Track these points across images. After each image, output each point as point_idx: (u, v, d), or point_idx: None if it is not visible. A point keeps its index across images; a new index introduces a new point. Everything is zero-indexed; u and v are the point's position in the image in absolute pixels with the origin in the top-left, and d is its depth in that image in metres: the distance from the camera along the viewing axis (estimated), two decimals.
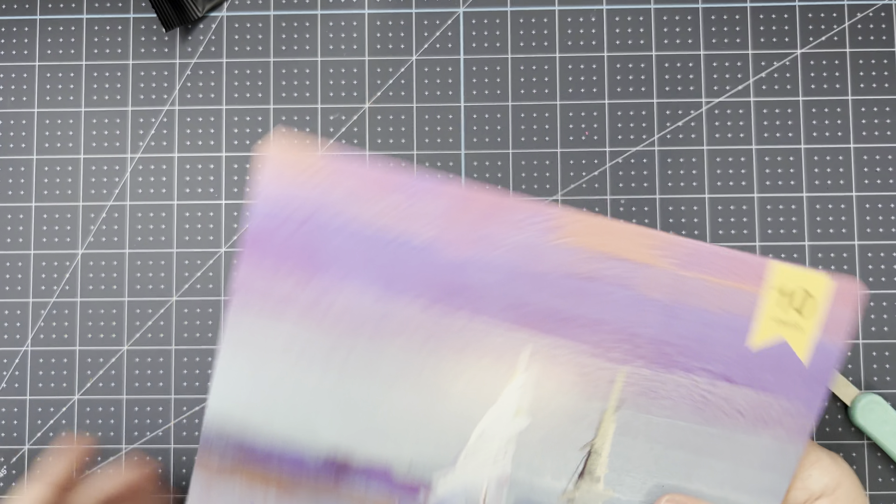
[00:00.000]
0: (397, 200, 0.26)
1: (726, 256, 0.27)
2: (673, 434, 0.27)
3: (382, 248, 0.26)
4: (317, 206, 0.26)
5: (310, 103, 0.43)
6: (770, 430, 0.27)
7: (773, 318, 0.27)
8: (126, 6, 0.44)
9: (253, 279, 0.26)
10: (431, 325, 0.27)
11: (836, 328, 0.27)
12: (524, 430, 0.27)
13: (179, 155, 0.43)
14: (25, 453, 0.42)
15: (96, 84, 0.43)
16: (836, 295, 0.27)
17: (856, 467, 0.41)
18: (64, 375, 0.42)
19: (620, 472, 0.27)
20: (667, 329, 0.27)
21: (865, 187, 0.42)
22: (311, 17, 0.44)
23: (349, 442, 0.27)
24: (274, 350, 0.26)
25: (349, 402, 0.27)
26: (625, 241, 0.27)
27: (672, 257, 0.27)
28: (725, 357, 0.27)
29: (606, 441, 0.27)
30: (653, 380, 0.27)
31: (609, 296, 0.27)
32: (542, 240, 0.27)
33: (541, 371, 0.27)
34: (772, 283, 0.27)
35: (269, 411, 0.27)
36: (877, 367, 0.41)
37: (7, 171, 0.43)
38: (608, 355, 0.27)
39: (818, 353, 0.27)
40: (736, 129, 0.42)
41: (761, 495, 0.27)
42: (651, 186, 0.42)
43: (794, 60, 0.43)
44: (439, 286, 0.27)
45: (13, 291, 0.42)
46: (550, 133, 0.43)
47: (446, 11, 0.43)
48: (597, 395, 0.27)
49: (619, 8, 0.43)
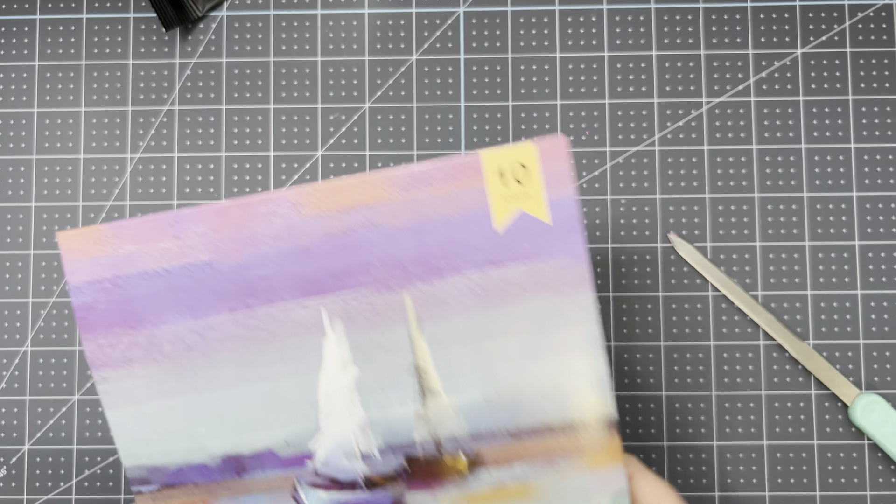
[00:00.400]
0: (172, 234, 0.30)
1: (442, 166, 0.30)
2: (474, 327, 0.30)
3: (175, 282, 0.30)
4: (113, 267, 0.30)
5: (310, 103, 0.43)
6: (554, 289, 0.30)
7: (503, 197, 0.30)
8: (126, 6, 0.44)
9: (97, 350, 0.31)
10: (242, 328, 0.31)
11: (558, 181, 0.30)
12: (358, 378, 0.31)
13: (179, 155, 0.43)
14: (25, 453, 0.42)
15: (96, 84, 0.43)
16: (545, 155, 0.30)
17: (856, 467, 0.41)
18: (64, 375, 0.42)
19: (452, 379, 0.31)
20: (423, 246, 0.30)
21: (866, 187, 0.42)
22: (311, 17, 0.43)
23: (231, 441, 0.31)
24: (138, 395, 0.31)
25: (213, 411, 0.31)
26: (356, 192, 0.30)
27: (399, 188, 0.30)
28: (482, 247, 0.30)
29: (426, 358, 0.31)
30: (434, 291, 0.30)
31: (366, 240, 0.30)
32: (294, 219, 0.30)
33: (344, 323, 0.31)
34: (489, 170, 0.30)
35: (163, 442, 0.31)
36: (877, 367, 0.41)
37: (7, 171, 0.43)
38: (388, 287, 0.30)
39: (555, 207, 0.30)
40: (736, 128, 0.42)
41: (580, 347, 0.30)
42: (651, 186, 0.42)
43: (795, 60, 0.43)
44: (232, 294, 0.30)
45: (13, 291, 0.42)
46: (550, 133, 0.43)
47: (446, 11, 0.43)
48: (397, 322, 0.31)
49: (619, 8, 0.43)
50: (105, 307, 0.31)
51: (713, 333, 0.41)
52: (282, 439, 0.31)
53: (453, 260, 0.30)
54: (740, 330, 0.41)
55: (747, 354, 0.41)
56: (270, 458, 0.31)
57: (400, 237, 0.30)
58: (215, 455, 0.31)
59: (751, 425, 0.41)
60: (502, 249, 0.30)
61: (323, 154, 0.43)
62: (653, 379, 0.41)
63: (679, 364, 0.41)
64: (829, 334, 0.41)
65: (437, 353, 0.31)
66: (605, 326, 0.42)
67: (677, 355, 0.41)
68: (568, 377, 0.30)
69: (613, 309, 0.42)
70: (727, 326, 0.41)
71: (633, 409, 0.41)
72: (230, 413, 0.31)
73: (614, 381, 0.41)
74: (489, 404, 0.31)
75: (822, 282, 0.41)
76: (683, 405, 0.41)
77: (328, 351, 0.31)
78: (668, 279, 0.42)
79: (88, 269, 0.30)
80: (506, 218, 0.30)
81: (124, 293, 0.30)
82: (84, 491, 0.41)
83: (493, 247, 0.30)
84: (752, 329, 0.41)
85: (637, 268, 0.42)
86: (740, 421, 0.41)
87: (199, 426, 0.31)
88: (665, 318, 0.42)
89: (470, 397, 0.31)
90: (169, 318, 0.31)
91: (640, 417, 0.41)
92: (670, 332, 0.41)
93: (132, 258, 0.30)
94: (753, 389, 0.41)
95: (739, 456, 0.41)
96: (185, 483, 0.31)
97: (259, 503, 0.31)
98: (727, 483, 0.41)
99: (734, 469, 0.41)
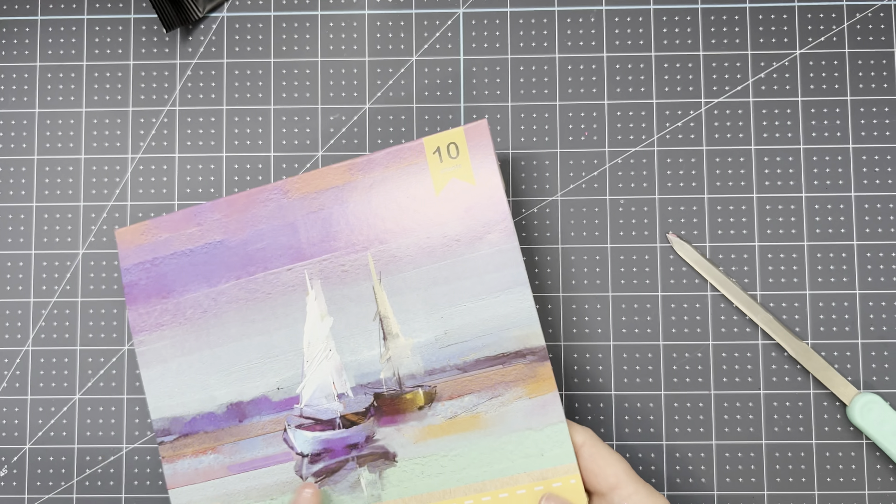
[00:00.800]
0: (196, 222, 0.38)
1: (393, 151, 0.37)
2: (424, 277, 0.37)
3: (197, 258, 0.38)
4: (153, 251, 0.38)
5: (310, 103, 0.43)
6: (484, 240, 0.36)
7: (440, 171, 0.37)
8: (127, 7, 0.44)
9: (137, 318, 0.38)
10: (245, 291, 0.38)
11: (482, 153, 0.37)
12: (333, 326, 0.37)
13: (180, 155, 0.43)
14: (26, 453, 0.42)
15: (97, 84, 0.43)
16: (470, 134, 0.37)
17: (854, 467, 0.41)
18: (64, 375, 0.42)
19: (408, 323, 0.37)
20: (379, 213, 0.37)
21: (864, 187, 0.42)
22: (311, 18, 0.44)
23: (235, 390, 0.37)
24: (166, 353, 0.38)
25: (222, 364, 0.38)
26: (329, 176, 0.38)
27: (361, 170, 0.37)
28: (425, 210, 0.37)
29: (386, 306, 0.37)
30: (390, 250, 0.37)
31: (337, 212, 0.37)
32: (283, 202, 0.38)
33: (321, 282, 0.37)
34: (429, 150, 0.37)
35: (182, 394, 0.38)
36: (875, 366, 0.41)
37: (8, 171, 0.43)
38: (354, 248, 0.37)
39: (479, 172, 0.37)
40: (735, 129, 0.42)
41: (511, 289, 0.36)
42: (651, 186, 0.42)
43: (794, 61, 0.43)
44: (238, 264, 0.38)
45: (14, 291, 0.43)
46: (550, 133, 0.43)
47: (446, 12, 0.43)
48: (361, 278, 0.37)
49: (618, 8, 0.43)
50: (145, 283, 0.38)
51: (712, 333, 0.42)
52: (274, 385, 0.37)
53: (404, 222, 0.37)
54: (739, 329, 0.42)
55: (746, 354, 0.41)
56: (265, 403, 0.37)
57: (360, 208, 0.37)
58: (222, 403, 0.38)
59: (749, 424, 0.41)
60: (441, 209, 0.37)
61: (323, 154, 0.43)
62: (651, 378, 0.41)
63: (677, 363, 0.41)
64: (827, 334, 0.41)
65: (394, 302, 0.37)
66: (605, 326, 0.42)
67: (676, 354, 0.41)
68: (503, 315, 0.36)
69: (613, 308, 0.42)
70: (726, 326, 0.42)
71: (633, 409, 0.41)
72: (234, 364, 0.38)
73: (613, 380, 0.42)
74: (439, 343, 0.37)
75: (820, 281, 0.42)
76: (682, 404, 0.41)
77: (309, 305, 0.38)
78: (667, 279, 0.42)
79: (135, 254, 0.38)
80: (443, 186, 0.37)
81: (159, 270, 0.38)
82: (85, 490, 0.42)
83: (434, 209, 0.37)
84: (751, 329, 0.41)
85: (636, 267, 0.42)
86: (739, 420, 0.41)
87: (210, 378, 0.38)
88: (664, 318, 0.42)
89: (424, 338, 0.37)
90: (191, 287, 0.38)
91: (638, 417, 0.41)
92: (669, 331, 0.42)
93: (166, 242, 0.38)
94: (752, 389, 0.41)
95: (738, 455, 0.41)
96: (197, 432, 0.37)
97: (256, 446, 0.37)
98: (726, 482, 0.41)
99: (733, 468, 0.41)
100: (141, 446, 0.42)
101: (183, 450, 0.37)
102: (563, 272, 0.42)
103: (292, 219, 0.38)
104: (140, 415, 0.42)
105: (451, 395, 0.36)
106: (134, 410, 0.42)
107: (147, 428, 0.42)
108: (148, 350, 0.38)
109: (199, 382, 0.38)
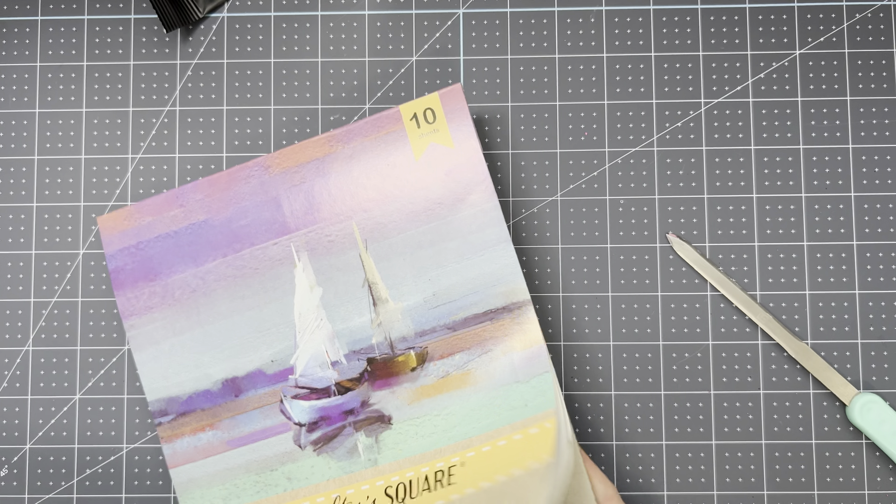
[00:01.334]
0: (178, 204, 0.38)
1: (371, 120, 0.38)
2: (409, 242, 0.38)
3: (182, 239, 0.38)
4: (136, 235, 0.39)
5: (310, 103, 0.43)
6: (466, 202, 0.37)
7: (418, 136, 0.38)
8: (127, 7, 0.44)
9: (125, 303, 0.38)
10: (232, 268, 0.38)
11: (458, 117, 0.38)
12: (322, 296, 0.38)
13: (180, 155, 0.43)
14: (26, 453, 0.42)
15: (97, 85, 0.44)
16: (445, 99, 0.38)
17: (854, 466, 0.41)
18: (65, 375, 0.42)
19: (397, 287, 0.38)
20: (361, 182, 0.38)
21: (864, 187, 0.42)
22: (311, 18, 0.44)
23: (229, 366, 0.38)
24: (158, 335, 0.38)
25: (213, 342, 0.38)
26: (309, 150, 0.38)
27: (340, 142, 0.38)
28: (406, 175, 0.38)
29: (374, 272, 0.38)
30: (374, 217, 0.38)
31: (319, 184, 0.38)
32: (265, 178, 0.38)
33: (308, 253, 0.38)
34: (406, 117, 0.38)
35: (176, 374, 0.38)
36: (875, 366, 0.41)
37: (8, 171, 0.43)
38: (338, 218, 0.38)
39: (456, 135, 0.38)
40: (735, 129, 0.42)
41: (494, 246, 0.37)
42: (650, 187, 0.42)
43: (793, 61, 0.43)
44: (223, 242, 0.38)
45: (14, 291, 0.43)
46: (550, 133, 0.43)
47: (446, 12, 0.43)
48: (348, 246, 0.38)
49: (618, 9, 0.43)
50: (131, 267, 0.38)
51: (711, 333, 0.42)
52: (268, 358, 0.38)
53: (386, 189, 0.38)
54: (738, 329, 0.42)
55: (745, 354, 0.41)
56: (260, 376, 0.38)
57: (342, 178, 0.38)
58: (217, 380, 0.38)
59: (749, 424, 0.41)
60: (422, 174, 0.38)
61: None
62: (651, 378, 0.41)
63: (677, 363, 0.41)
64: (827, 334, 0.41)
65: (382, 268, 0.38)
66: (605, 326, 0.42)
67: (676, 354, 0.41)
68: (489, 273, 0.37)
69: (612, 308, 0.42)
70: (725, 326, 0.42)
71: (633, 409, 0.41)
72: (227, 341, 0.38)
73: (613, 380, 0.42)
74: (428, 305, 0.38)
75: (820, 282, 0.42)
76: (682, 404, 0.41)
77: (298, 277, 0.38)
78: (667, 279, 0.42)
79: (119, 240, 0.39)
80: (422, 151, 0.38)
81: (145, 254, 0.38)
82: (85, 490, 0.42)
83: (415, 174, 0.38)
84: (751, 329, 0.42)
85: (636, 268, 0.42)
86: (738, 420, 0.41)
87: (203, 356, 0.38)
88: (664, 318, 0.42)
89: (412, 301, 0.38)
90: (178, 268, 0.38)
91: (638, 417, 0.41)
92: (669, 331, 0.42)
93: (150, 226, 0.39)
94: (752, 389, 0.41)
95: (738, 455, 0.41)
96: (194, 410, 0.38)
97: (254, 419, 0.38)
98: (726, 482, 0.41)
99: (732, 468, 0.41)
100: (141, 446, 0.42)
101: (181, 429, 0.38)
102: (563, 272, 0.42)
103: (275, 193, 0.38)
104: (140, 415, 0.42)
105: (442, 354, 0.37)
106: (134, 410, 0.42)
107: (147, 428, 0.42)
108: (139, 333, 0.38)
109: (193, 361, 0.38)
